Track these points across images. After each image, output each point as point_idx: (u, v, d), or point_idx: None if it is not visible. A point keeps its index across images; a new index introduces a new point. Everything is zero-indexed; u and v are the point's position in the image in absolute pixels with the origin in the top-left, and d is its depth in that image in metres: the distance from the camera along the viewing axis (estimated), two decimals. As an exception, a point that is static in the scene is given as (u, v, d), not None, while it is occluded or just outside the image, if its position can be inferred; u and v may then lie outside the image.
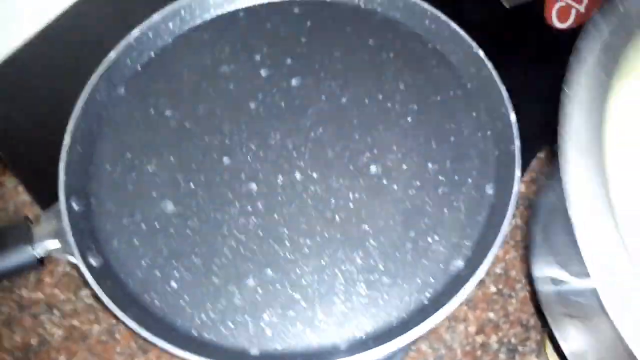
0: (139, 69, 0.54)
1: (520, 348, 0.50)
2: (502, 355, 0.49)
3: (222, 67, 0.53)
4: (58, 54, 0.61)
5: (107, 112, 0.52)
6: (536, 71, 0.57)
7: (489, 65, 0.49)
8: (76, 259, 0.44)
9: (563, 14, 0.62)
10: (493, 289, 0.52)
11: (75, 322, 0.51)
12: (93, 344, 0.50)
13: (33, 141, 0.56)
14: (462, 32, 0.51)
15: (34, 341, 0.50)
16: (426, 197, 0.47)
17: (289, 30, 0.55)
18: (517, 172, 0.44)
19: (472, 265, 0.43)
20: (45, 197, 0.48)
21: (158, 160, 0.49)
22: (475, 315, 0.52)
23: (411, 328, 0.40)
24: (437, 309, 0.41)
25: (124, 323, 0.41)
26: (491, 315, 0.56)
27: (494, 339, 0.51)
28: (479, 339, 0.50)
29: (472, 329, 0.51)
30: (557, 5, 0.62)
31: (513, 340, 0.51)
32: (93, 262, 0.45)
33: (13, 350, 0.49)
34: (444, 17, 0.52)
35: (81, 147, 0.49)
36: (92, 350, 0.49)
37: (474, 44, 0.50)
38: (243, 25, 0.56)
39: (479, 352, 0.49)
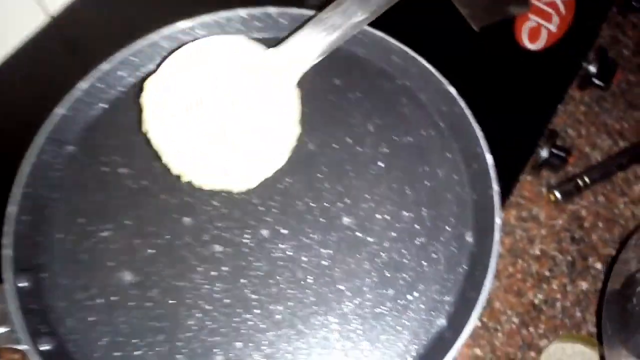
0: (90, 123, 0.49)
1: (509, 384, 0.47)
2: (490, 391, 0.47)
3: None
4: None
5: (57, 174, 0.47)
6: (509, 94, 0.54)
7: (462, 103, 0.46)
8: (26, 345, 0.39)
9: (534, 34, 0.59)
10: (477, 322, 0.49)
11: None
12: None
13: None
14: (431, 68, 0.48)
15: None
16: (403, 249, 0.43)
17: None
18: (497, 220, 0.41)
19: (455, 323, 0.40)
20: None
21: (113, 224, 0.45)
22: (460, 353, 0.49)
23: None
24: (421, 377, 0.37)
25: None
26: (477, 351, 0.53)
27: (482, 376, 0.48)
28: (467, 376, 0.48)
29: (458, 366, 0.48)
30: (527, 25, 0.59)
31: (501, 377, 0.48)
32: (44, 345, 0.40)
33: None
34: (411, 52, 0.49)
35: (29, 216, 0.44)
36: None
37: (444, 80, 0.47)
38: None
39: (467, 389, 0.47)
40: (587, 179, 0.59)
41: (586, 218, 0.59)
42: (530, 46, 0.58)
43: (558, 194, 0.60)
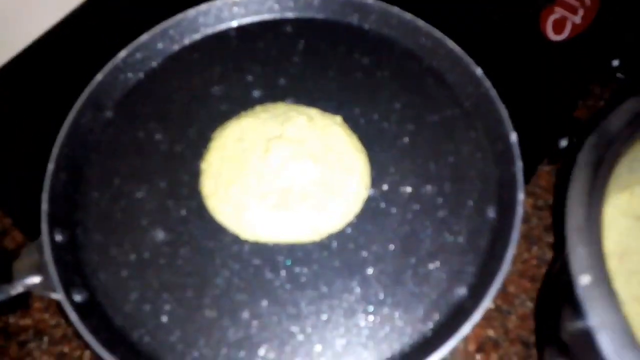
0: (127, 91, 0.50)
1: (521, 367, 0.46)
2: (503, 375, 0.46)
3: (214, 88, 0.49)
4: (42, 76, 0.57)
5: (94, 137, 0.47)
6: (532, 83, 0.54)
7: (487, 84, 0.46)
8: (59, 295, 0.39)
9: (558, 26, 0.59)
10: (491, 305, 0.48)
11: (65, 349, 0.47)
12: None
13: (18, 170, 0.51)
14: (459, 50, 0.47)
15: None
16: (425, 221, 0.43)
17: (282, 50, 0.52)
18: (520, 195, 0.41)
19: (476, 293, 0.39)
20: (31, 229, 0.44)
21: (148, 186, 0.45)
22: (474, 333, 0.48)
23: (415, 362, 0.36)
24: (441, 342, 0.37)
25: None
26: (490, 332, 0.53)
27: (494, 357, 0.47)
28: (479, 357, 0.47)
29: (471, 347, 0.48)
30: (552, 17, 0.59)
31: (514, 358, 0.47)
32: (77, 297, 0.40)
33: (0, 381, 0.45)
34: (439, 34, 0.49)
35: (66, 175, 0.44)
36: None
37: (471, 62, 0.47)
38: (234, 45, 0.52)
39: (479, 372, 0.46)
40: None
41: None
42: (555, 37, 0.58)
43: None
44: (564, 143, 0.59)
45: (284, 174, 0.44)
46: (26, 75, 0.58)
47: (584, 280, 0.31)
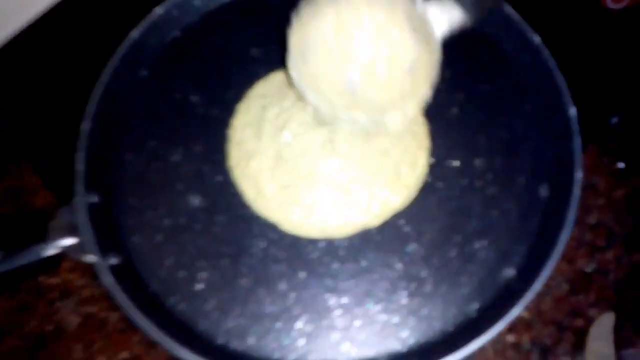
0: (164, 50, 0.47)
1: (553, 349, 0.45)
2: (534, 356, 0.45)
3: (252, 50, 0.47)
4: (72, 34, 0.55)
5: (129, 97, 0.45)
6: (590, 53, 0.50)
7: (546, 53, 0.42)
8: (93, 257, 0.38)
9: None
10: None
11: (92, 310, 0.46)
12: (111, 332, 0.45)
13: (52, 132, 0.50)
14: (516, 16, 0.44)
15: (49, 328, 0.46)
16: (474, 197, 0.41)
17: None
18: (578, 174, 0.38)
19: (524, 275, 0.37)
20: (65, 191, 0.43)
21: (184, 149, 0.43)
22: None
23: (458, 345, 0.34)
24: (487, 325, 0.35)
25: (143, 329, 0.36)
26: (524, 314, 0.51)
27: (526, 338, 0.46)
28: (510, 338, 0.46)
29: (503, 326, 0.46)
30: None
31: (546, 341, 0.46)
32: (112, 260, 0.39)
33: (27, 337, 0.45)
34: (495, -1, 0.45)
35: (101, 135, 0.43)
36: (110, 339, 0.45)
37: (529, 30, 0.43)
38: (275, 5, 0.49)
39: (510, 352, 0.45)
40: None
41: (649, 192, 0.55)
42: (613, 5, 0.54)
43: (621, 165, 0.56)
44: (614, 120, 0.56)
45: (309, 158, 0.39)
46: (62, 29, 0.56)
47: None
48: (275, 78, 0.45)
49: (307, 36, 0.32)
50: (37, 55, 0.55)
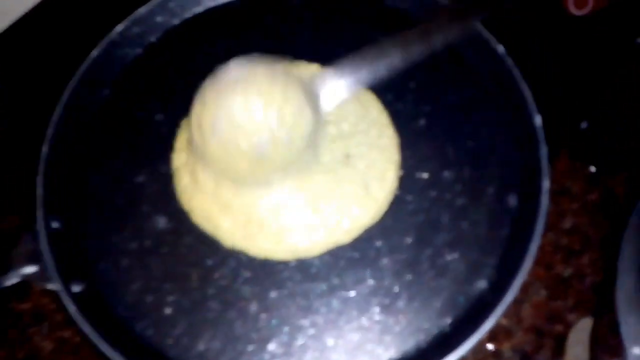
0: (125, 68, 0.47)
1: (534, 356, 0.45)
2: (515, 364, 0.44)
3: (218, 67, 0.46)
4: (34, 51, 0.54)
5: (90, 117, 0.45)
6: (555, 60, 0.51)
7: (509, 62, 0.43)
8: (56, 285, 0.37)
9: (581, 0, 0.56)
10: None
11: (66, 334, 0.45)
12: (86, 357, 0.44)
13: (12, 151, 0.49)
14: (479, 26, 0.44)
15: (21, 355, 0.44)
16: (442, 209, 0.41)
17: (289, 24, 0.48)
18: (545, 183, 0.38)
19: (496, 286, 0.37)
20: (28, 214, 0.42)
21: (148, 170, 0.43)
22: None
23: (433, 360, 0.34)
24: (460, 339, 0.35)
25: (111, 358, 0.35)
26: (503, 321, 0.51)
27: (506, 346, 0.46)
28: (491, 346, 0.46)
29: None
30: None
31: (527, 348, 0.46)
32: (76, 287, 0.38)
33: (-2, 366, 0.44)
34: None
35: (62, 158, 0.42)
36: None
37: (492, 39, 0.44)
38: (239, 18, 0.49)
39: (491, 361, 0.44)
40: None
41: (622, 195, 0.56)
42: (577, 11, 0.55)
43: (593, 168, 0.57)
44: (584, 125, 0.57)
45: None
46: (18, 49, 0.55)
47: (636, 351, 0.29)
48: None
49: (216, 114, 0.37)
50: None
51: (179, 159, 0.42)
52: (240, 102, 0.36)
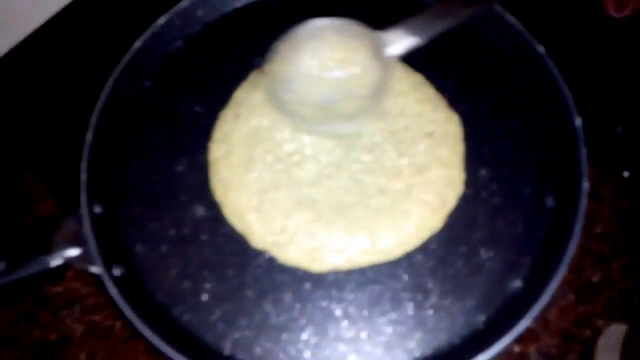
0: (167, 60, 0.48)
1: (561, 360, 0.44)
2: (540, 367, 0.44)
3: (256, 59, 0.47)
4: (81, 41, 0.56)
5: (133, 107, 0.46)
6: (594, 63, 0.50)
7: (551, 63, 0.43)
8: (98, 268, 0.38)
9: (620, 2, 0.55)
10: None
11: (97, 318, 0.46)
12: (115, 341, 0.45)
13: (57, 142, 0.50)
14: (519, 26, 0.44)
15: (53, 337, 0.46)
16: (479, 207, 0.41)
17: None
18: (585, 185, 0.38)
19: (531, 286, 0.37)
20: (70, 200, 0.43)
21: (188, 160, 0.44)
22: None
23: (465, 358, 0.34)
24: (494, 337, 0.35)
25: (148, 339, 0.36)
26: (530, 324, 0.51)
27: (532, 349, 0.46)
28: (517, 348, 0.45)
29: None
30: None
31: (553, 351, 0.46)
32: (116, 270, 0.39)
33: (31, 346, 0.45)
34: (498, 8, 0.45)
35: (104, 145, 0.43)
36: (114, 348, 0.45)
37: (533, 40, 0.44)
38: (278, 13, 0.50)
39: (516, 362, 0.44)
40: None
41: (655, 201, 0.55)
42: (616, 14, 0.54)
43: (627, 173, 0.56)
44: (619, 129, 0.56)
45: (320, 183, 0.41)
46: (65, 39, 0.56)
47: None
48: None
49: (290, 67, 0.41)
50: (44, 62, 0.56)
51: (217, 150, 0.43)
52: (310, 54, 0.41)
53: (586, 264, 0.53)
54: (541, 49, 0.43)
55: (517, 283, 0.38)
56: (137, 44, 0.46)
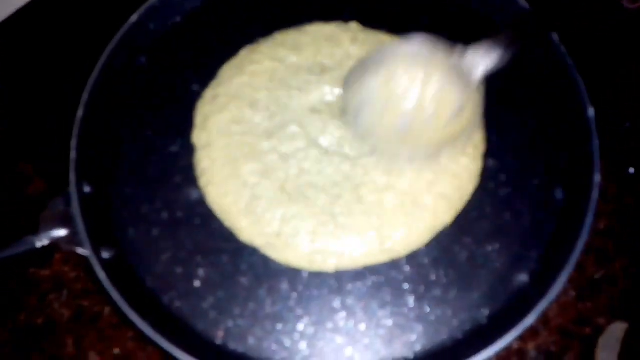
0: (164, 35, 0.46)
1: (560, 358, 0.44)
2: (539, 364, 0.43)
3: (258, 39, 0.45)
4: (74, 15, 0.53)
5: (127, 84, 0.44)
6: (608, 56, 0.49)
7: (563, 50, 0.41)
8: (86, 250, 0.36)
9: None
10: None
11: (85, 303, 0.45)
12: (103, 327, 0.44)
13: (46, 121, 0.48)
14: (532, 12, 0.42)
15: (39, 322, 0.44)
16: (485, 198, 0.39)
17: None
18: (597, 177, 0.37)
19: (538, 281, 0.36)
20: (59, 181, 0.41)
21: (183, 140, 0.42)
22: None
23: (468, 353, 0.33)
24: (497, 333, 0.33)
25: (136, 325, 0.34)
26: (529, 320, 0.49)
27: (531, 346, 0.45)
28: (516, 345, 0.44)
29: (508, 334, 0.45)
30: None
31: (552, 348, 0.45)
32: (105, 253, 0.37)
33: (17, 330, 0.44)
34: (512, -6, 0.44)
35: (96, 123, 0.41)
36: (102, 334, 0.44)
37: (547, 27, 0.42)
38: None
39: (514, 360, 0.43)
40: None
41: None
42: (631, 5, 0.53)
43: (632, 170, 0.54)
44: (627, 125, 0.55)
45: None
46: (57, 13, 0.54)
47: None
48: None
49: (360, 96, 0.37)
50: (33, 37, 0.54)
51: (198, 137, 0.41)
52: (381, 82, 0.37)
53: (588, 261, 0.52)
54: (555, 36, 0.42)
55: (523, 277, 0.37)
56: (134, 17, 0.44)
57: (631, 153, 0.55)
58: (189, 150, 0.41)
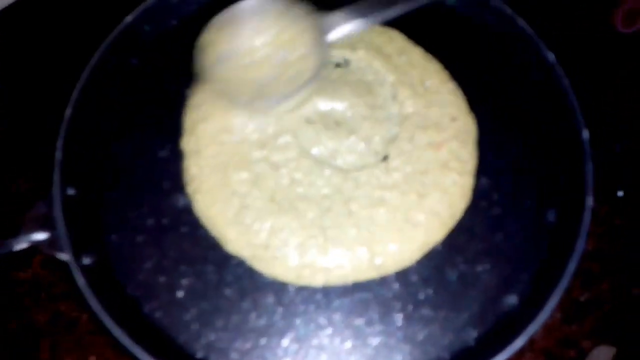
0: (158, 38, 0.45)
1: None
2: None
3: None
4: (68, 13, 0.52)
5: (118, 85, 0.43)
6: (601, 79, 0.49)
7: (560, 71, 0.41)
8: (66, 255, 0.35)
9: (629, 18, 0.54)
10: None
11: (62, 308, 0.44)
12: (80, 333, 0.43)
13: (35, 121, 0.47)
14: (530, 30, 0.42)
15: (14, 325, 0.43)
16: (477, 217, 0.39)
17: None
18: (589, 201, 0.36)
19: (528, 304, 0.35)
20: (41, 180, 0.40)
21: (172, 146, 0.41)
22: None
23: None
24: (485, 356, 0.33)
25: (114, 335, 0.33)
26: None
27: (516, 367, 0.44)
28: (500, 366, 0.44)
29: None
30: (623, 10, 0.54)
31: (537, 371, 0.44)
32: (86, 259, 0.36)
33: (-10, 333, 0.42)
34: (509, 10, 0.43)
35: (84, 124, 0.40)
36: (79, 340, 0.43)
37: (543, 46, 0.42)
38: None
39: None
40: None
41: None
42: (625, 30, 0.53)
43: (621, 193, 0.54)
44: (618, 147, 0.55)
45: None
46: (51, 10, 0.53)
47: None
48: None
49: (231, 45, 0.40)
50: (28, 29, 0.52)
51: (187, 142, 0.40)
52: (255, 33, 0.40)
53: (575, 283, 0.51)
54: (552, 56, 0.41)
55: (512, 300, 0.36)
56: (128, 18, 0.43)
57: (621, 176, 0.55)
58: (178, 155, 0.40)
